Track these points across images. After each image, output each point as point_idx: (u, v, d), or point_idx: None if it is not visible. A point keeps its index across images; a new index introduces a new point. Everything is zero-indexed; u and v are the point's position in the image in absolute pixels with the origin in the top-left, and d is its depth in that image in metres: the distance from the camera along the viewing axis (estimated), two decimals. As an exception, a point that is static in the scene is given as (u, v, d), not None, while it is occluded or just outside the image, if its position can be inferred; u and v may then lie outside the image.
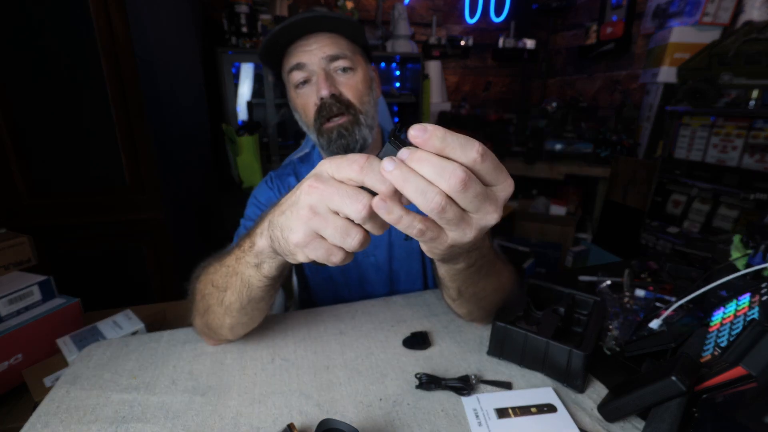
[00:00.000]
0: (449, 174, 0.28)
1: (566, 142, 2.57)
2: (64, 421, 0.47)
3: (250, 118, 2.38)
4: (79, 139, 1.26)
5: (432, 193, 0.28)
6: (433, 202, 0.28)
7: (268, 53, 0.71)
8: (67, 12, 1.15)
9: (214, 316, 0.54)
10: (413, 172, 0.28)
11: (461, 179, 0.28)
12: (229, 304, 0.50)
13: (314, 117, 0.70)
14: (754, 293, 0.54)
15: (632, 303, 0.70)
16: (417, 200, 0.29)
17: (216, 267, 0.52)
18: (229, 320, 0.53)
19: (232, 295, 0.49)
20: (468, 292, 0.54)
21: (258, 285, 0.47)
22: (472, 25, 3.08)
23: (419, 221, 0.31)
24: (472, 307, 0.59)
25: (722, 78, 1.75)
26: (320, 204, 0.33)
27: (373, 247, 0.81)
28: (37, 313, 0.76)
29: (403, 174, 0.28)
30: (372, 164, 0.30)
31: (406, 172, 0.28)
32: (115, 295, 1.36)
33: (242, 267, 0.46)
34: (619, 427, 0.46)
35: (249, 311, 0.52)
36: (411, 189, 0.28)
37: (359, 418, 0.47)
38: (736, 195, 1.68)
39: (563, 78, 3.17)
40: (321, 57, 0.68)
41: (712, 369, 0.43)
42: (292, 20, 0.66)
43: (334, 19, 0.68)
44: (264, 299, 0.51)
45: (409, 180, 0.28)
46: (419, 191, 0.28)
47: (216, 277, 0.51)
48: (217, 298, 0.51)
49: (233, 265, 0.48)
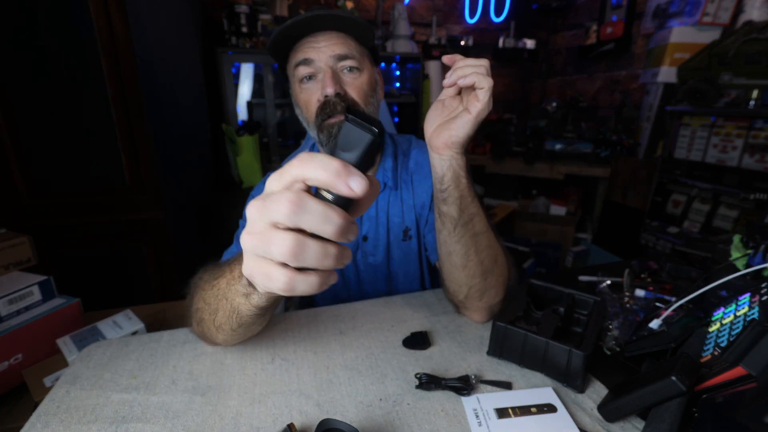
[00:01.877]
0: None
1: (566, 142, 2.57)
2: (64, 421, 0.47)
3: (250, 118, 2.38)
4: (79, 139, 1.26)
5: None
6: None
7: (277, 47, 0.72)
8: (67, 12, 1.15)
9: (207, 329, 0.53)
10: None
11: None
12: (219, 325, 0.49)
13: (316, 113, 0.70)
14: (754, 293, 0.54)
15: (632, 303, 0.70)
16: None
17: (209, 285, 0.49)
18: (221, 336, 0.53)
19: (222, 317, 0.47)
20: (474, 256, 0.58)
21: (247, 314, 0.43)
22: (472, 25, 3.08)
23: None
24: (478, 280, 0.60)
25: (722, 78, 1.75)
26: (259, 221, 0.29)
27: (372, 248, 0.81)
28: (37, 313, 0.76)
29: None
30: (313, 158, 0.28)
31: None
32: (115, 295, 1.36)
33: (231, 294, 0.43)
34: (619, 427, 0.46)
35: (241, 333, 0.51)
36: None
37: (359, 418, 0.47)
38: (736, 195, 1.68)
39: (563, 78, 3.17)
40: (329, 55, 0.69)
41: (712, 369, 0.43)
42: (306, 16, 0.66)
43: (346, 19, 0.68)
44: (256, 323, 0.49)
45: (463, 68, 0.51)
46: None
47: (207, 295, 0.49)
48: (209, 315, 0.50)
49: (224, 289, 0.45)
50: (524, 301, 0.61)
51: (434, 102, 0.57)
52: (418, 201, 0.80)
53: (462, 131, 0.52)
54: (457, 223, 0.57)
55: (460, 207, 0.56)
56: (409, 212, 0.80)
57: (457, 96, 0.55)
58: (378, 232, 0.80)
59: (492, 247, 0.61)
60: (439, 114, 0.56)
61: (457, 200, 0.56)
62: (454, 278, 0.62)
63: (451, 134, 0.53)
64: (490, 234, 0.61)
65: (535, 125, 2.74)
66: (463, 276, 0.61)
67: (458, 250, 0.59)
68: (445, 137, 0.53)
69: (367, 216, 0.80)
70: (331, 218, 0.27)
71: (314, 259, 0.28)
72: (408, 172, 0.81)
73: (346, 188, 0.26)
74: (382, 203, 0.80)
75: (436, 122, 0.56)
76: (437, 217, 0.60)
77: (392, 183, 0.80)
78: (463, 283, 0.61)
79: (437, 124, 0.55)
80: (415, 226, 0.81)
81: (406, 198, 0.80)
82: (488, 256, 0.60)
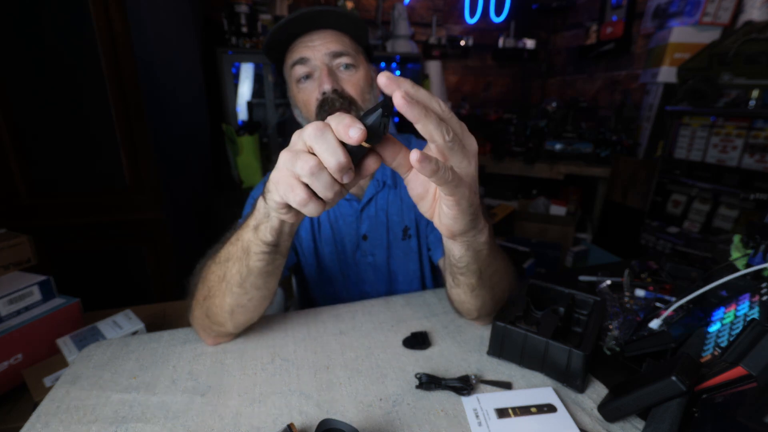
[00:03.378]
0: (437, 102, 0.34)
1: (566, 142, 2.57)
2: (64, 421, 0.47)
3: (250, 118, 2.38)
4: (79, 139, 1.26)
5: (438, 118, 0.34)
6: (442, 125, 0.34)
7: (272, 47, 0.72)
8: (67, 12, 1.15)
9: (214, 299, 0.54)
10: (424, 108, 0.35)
11: (447, 106, 0.35)
12: (229, 278, 0.51)
13: (315, 112, 0.70)
14: (754, 293, 0.54)
15: (632, 303, 0.70)
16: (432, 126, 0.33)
17: (222, 245, 0.54)
18: (229, 299, 0.53)
19: (233, 266, 0.50)
20: (487, 274, 0.53)
21: (255, 251, 0.48)
22: (472, 25, 3.08)
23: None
24: (487, 295, 0.57)
25: (722, 78, 1.75)
26: (298, 142, 0.37)
27: (371, 247, 0.81)
28: (37, 313, 0.76)
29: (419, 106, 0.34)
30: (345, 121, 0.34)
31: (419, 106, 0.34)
32: (115, 295, 1.36)
33: (243, 232, 0.49)
34: (619, 427, 0.46)
35: (248, 288, 0.52)
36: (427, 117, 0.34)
37: (359, 418, 0.47)
38: (736, 195, 1.68)
39: (563, 78, 3.18)
40: (324, 53, 0.69)
41: (712, 369, 0.43)
42: (299, 13, 0.66)
43: (340, 16, 0.68)
44: (262, 274, 0.50)
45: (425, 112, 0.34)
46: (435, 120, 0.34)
47: (221, 252, 0.53)
48: (218, 275, 0.52)
49: (238, 232, 0.50)
50: (524, 301, 0.61)
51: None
52: None
53: (459, 224, 0.41)
54: (476, 288, 0.54)
55: (480, 276, 0.52)
56: (409, 211, 0.80)
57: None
58: (377, 231, 0.80)
59: (503, 277, 0.58)
60: (416, 197, 0.43)
61: (477, 272, 0.51)
62: (465, 308, 0.61)
63: (452, 230, 0.43)
64: (501, 264, 0.56)
65: (535, 125, 2.74)
66: (473, 306, 0.59)
67: (473, 301, 0.58)
68: (446, 230, 0.43)
69: (366, 215, 0.80)
70: (337, 153, 0.34)
71: (322, 183, 0.36)
72: None
73: (345, 133, 0.33)
74: (381, 202, 0.80)
75: (422, 209, 0.44)
76: (450, 278, 0.56)
77: (391, 181, 0.80)
78: (473, 309, 0.60)
79: (425, 213, 0.44)
80: (415, 225, 0.81)
81: (405, 197, 0.80)
82: (500, 288, 0.58)
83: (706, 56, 1.80)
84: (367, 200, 0.79)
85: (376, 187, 0.79)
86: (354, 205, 0.79)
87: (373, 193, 0.79)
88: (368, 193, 0.79)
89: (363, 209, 0.79)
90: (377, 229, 0.80)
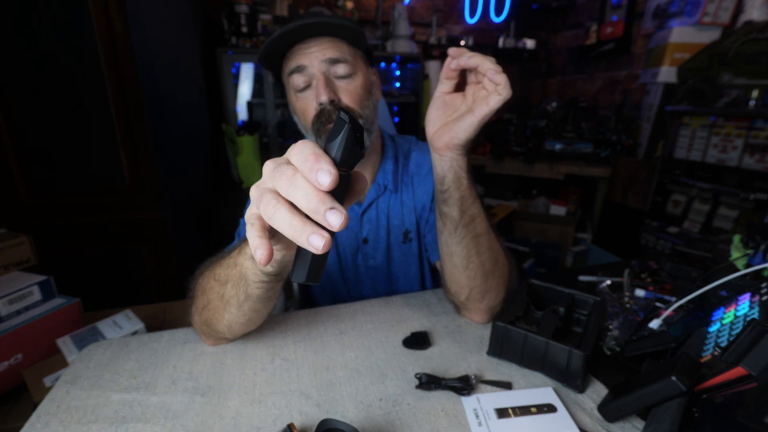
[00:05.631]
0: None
1: (566, 142, 2.57)
2: (64, 421, 0.47)
3: (250, 118, 2.38)
4: (79, 139, 1.26)
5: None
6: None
7: (268, 56, 0.71)
8: (67, 12, 1.15)
9: (213, 312, 0.53)
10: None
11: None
12: (228, 299, 0.50)
13: (313, 121, 0.70)
14: (754, 293, 0.54)
15: (632, 303, 0.70)
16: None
17: (220, 261, 0.53)
18: (227, 317, 0.53)
19: (231, 289, 0.49)
20: (475, 257, 0.58)
21: (254, 280, 0.45)
22: (472, 25, 3.08)
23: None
24: (480, 282, 0.60)
25: (722, 78, 1.75)
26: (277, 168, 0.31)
27: (372, 250, 0.81)
28: (37, 313, 0.76)
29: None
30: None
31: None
32: (115, 295, 1.36)
33: (241, 258, 0.47)
34: (619, 427, 0.46)
35: (246, 311, 0.51)
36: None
37: (359, 418, 0.47)
38: (736, 195, 1.68)
39: (563, 78, 3.18)
40: (321, 60, 0.68)
41: (712, 369, 0.43)
42: (294, 26, 0.66)
43: (335, 25, 0.67)
44: (261, 300, 0.50)
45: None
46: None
47: (219, 269, 0.52)
48: (218, 292, 0.51)
49: (235, 256, 0.49)
50: (524, 301, 0.61)
51: (433, 98, 0.56)
52: (418, 203, 0.79)
53: (465, 134, 0.52)
54: (458, 225, 0.57)
55: (461, 208, 0.56)
56: (410, 214, 0.80)
57: (459, 94, 0.55)
58: (378, 235, 0.80)
59: (493, 249, 0.61)
60: (441, 114, 0.55)
61: (458, 201, 0.56)
62: (456, 279, 0.62)
63: (453, 136, 0.52)
64: (491, 235, 0.60)
65: (535, 125, 2.74)
66: (464, 277, 0.61)
67: (459, 252, 0.59)
68: (446, 139, 0.53)
69: (366, 218, 0.80)
70: (309, 194, 0.28)
71: (282, 221, 0.29)
72: (408, 174, 0.81)
73: (315, 178, 0.27)
74: (382, 206, 0.80)
75: (437, 123, 0.55)
76: (438, 217, 0.60)
77: (392, 186, 0.80)
78: (465, 285, 0.62)
79: (439, 125, 0.55)
80: (416, 228, 0.81)
81: (407, 200, 0.80)
82: (489, 258, 0.60)
83: (706, 56, 1.80)
84: (368, 204, 0.79)
85: (378, 191, 0.79)
86: (355, 208, 0.79)
87: (374, 197, 0.79)
88: (369, 197, 0.79)
89: (364, 213, 0.79)
90: (378, 232, 0.80)
